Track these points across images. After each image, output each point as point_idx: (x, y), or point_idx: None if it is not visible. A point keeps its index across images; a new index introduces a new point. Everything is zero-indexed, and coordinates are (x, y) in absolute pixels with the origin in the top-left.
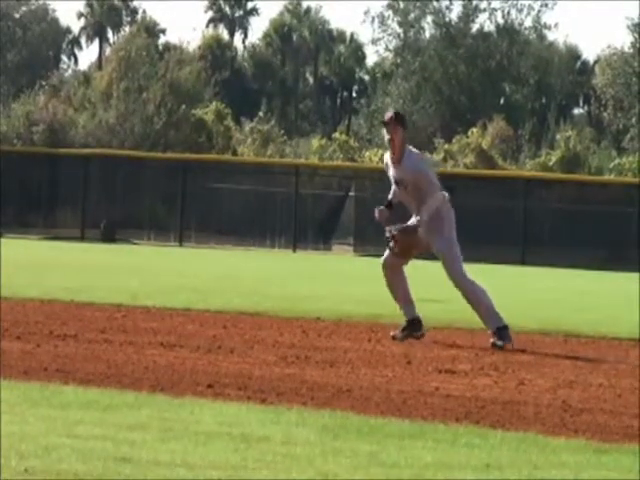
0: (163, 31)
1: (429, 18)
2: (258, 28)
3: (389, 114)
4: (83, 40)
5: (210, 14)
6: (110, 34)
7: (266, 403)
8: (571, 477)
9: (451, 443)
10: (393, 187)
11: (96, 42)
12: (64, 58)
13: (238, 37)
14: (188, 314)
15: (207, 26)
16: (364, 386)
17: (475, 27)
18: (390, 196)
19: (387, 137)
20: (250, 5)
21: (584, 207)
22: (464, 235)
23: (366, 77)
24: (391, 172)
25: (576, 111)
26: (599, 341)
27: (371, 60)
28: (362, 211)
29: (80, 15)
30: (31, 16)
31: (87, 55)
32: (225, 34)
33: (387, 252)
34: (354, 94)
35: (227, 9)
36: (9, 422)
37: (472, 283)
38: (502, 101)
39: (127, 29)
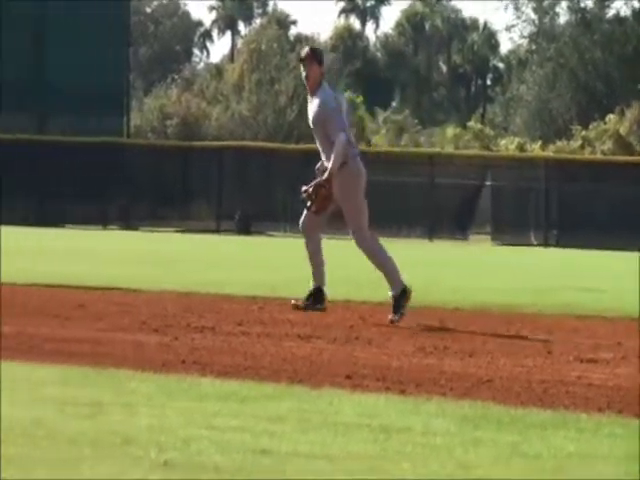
0: (294, 22)
1: (564, 4)
2: (390, 17)
3: (305, 50)
4: (215, 33)
5: (342, 4)
6: (241, 26)
7: (405, 394)
8: None
9: (593, 433)
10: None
11: (228, 35)
12: (196, 51)
13: (370, 27)
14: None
15: (339, 16)
16: (504, 376)
17: (611, 12)
18: (317, 166)
19: (304, 74)
20: None
21: None
22: (603, 222)
23: (500, 65)
24: (310, 114)
25: None
26: None
27: (505, 47)
28: (499, 200)
29: (211, 8)
30: (163, 10)
31: (219, 48)
32: (357, 24)
33: (304, 215)
34: (488, 82)
35: None
36: (148, 415)
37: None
38: None
39: (258, 21)
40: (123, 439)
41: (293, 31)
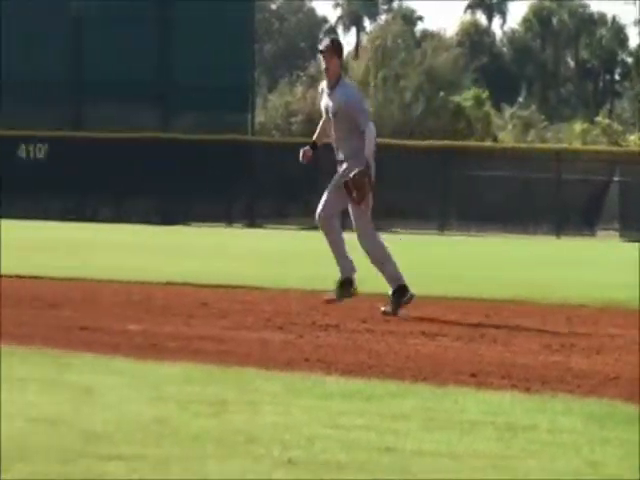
0: (420, 18)
1: None
2: (517, 13)
3: (326, 42)
4: (340, 29)
5: (468, 0)
6: (367, 23)
7: (531, 392)
8: None
9: None
10: (319, 127)
11: (353, 31)
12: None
13: (496, 22)
14: (449, 303)
15: (465, 12)
16: (632, 374)
17: None
18: (315, 137)
19: (324, 66)
20: None
21: None
22: None
23: (629, 59)
24: (324, 101)
25: None
26: None
27: (634, 42)
28: (627, 196)
29: (336, 5)
30: (288, 7)
31: (344, 44)
32: (483, 19)
33: (321, 206)
34: (616, 77)
35: None
36: (272, 412)
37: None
38: None
39: (383, 17)
40: (247, 437)
41: (419, 27)
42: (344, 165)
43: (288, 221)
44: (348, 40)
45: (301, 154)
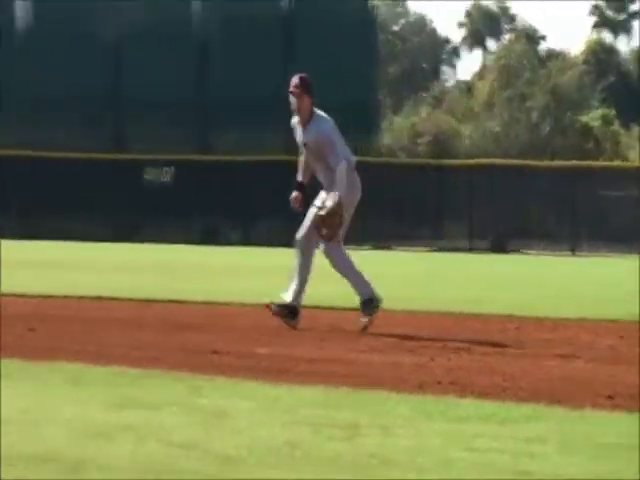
0: (543, 37)
1: None
2: None
3: (295, 81)
4: (464, 50)
5: (593, 19)
6: (490, 43)
7: None
8: None
9: None
10: (301, 165)
11: (476, 51)
12: (444, 69)
13: (623, 40)
14: (582, 324)
15: (591, 31)
16: None
17: None
18: (300, 177)
19: (294, 105)
20: (634, 8)
21: None
22: None
23: None
24: (299, 136)
25: None
26: None
27: None
28: None
29: (460, 25)
30: (410, 28)
31: (468, 65)
32: (609, 38)
33: (303, 230)
34: None
35: (610, 13)
36: (405, 436)
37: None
38: None
39: (507, 37)
40: (381, 461)
41: (543, 46)
42: (323, 195)
43: (415, 243)
44: (472, 60)
45: (292, 201)
